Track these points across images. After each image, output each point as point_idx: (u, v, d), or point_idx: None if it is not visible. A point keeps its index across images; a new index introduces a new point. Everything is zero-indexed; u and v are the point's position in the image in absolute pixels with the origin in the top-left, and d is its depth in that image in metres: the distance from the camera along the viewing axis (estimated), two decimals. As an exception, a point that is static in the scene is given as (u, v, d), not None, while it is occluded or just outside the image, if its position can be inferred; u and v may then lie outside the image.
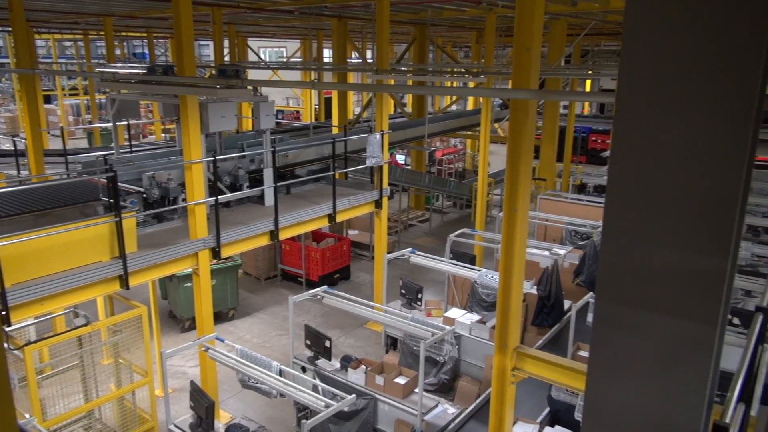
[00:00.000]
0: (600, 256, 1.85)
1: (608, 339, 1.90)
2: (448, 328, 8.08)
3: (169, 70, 9.22)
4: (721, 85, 1.49)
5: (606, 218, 1.82)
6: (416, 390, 7.74)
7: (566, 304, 9.71)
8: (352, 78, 24.58)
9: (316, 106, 30.19)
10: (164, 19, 16.34)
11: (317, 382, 7.53)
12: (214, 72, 10.89)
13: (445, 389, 8.72)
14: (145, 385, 8.19)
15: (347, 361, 8.32)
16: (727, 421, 2.31)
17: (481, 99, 16.40)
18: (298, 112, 31.50)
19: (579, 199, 13.64)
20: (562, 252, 10.56)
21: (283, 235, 9.55)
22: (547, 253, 10.54)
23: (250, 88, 8.59)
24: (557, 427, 7.11)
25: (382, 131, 10.85)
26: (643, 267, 1.82)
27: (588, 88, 30.58)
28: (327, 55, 29.95)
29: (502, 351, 5.94)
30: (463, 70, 19.21)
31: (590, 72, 15.62)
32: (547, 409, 7.45)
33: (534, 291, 9.51)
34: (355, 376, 8.15)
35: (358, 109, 24.56)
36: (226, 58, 18.01)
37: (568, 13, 12.38)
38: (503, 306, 5.91)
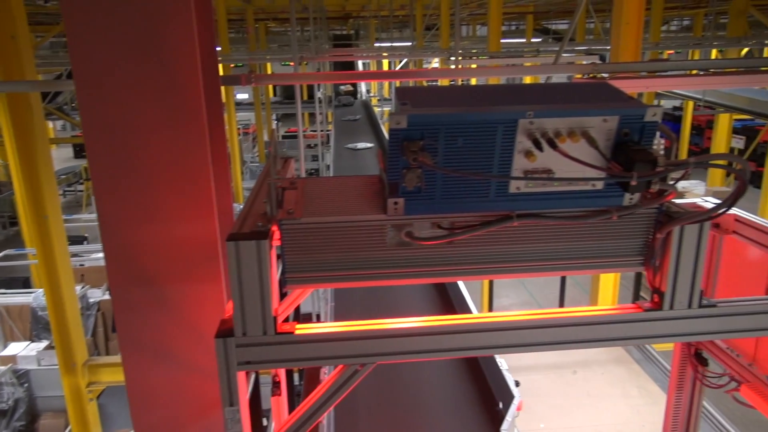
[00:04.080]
0: (102, 241, 1.82)
1: (133, 322, 1.89)
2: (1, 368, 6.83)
3: None
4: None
5: (98, 206, 1.78)
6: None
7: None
8: None
9: None
10: None
11: None
12: None
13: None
14: None
15: None
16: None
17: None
18: None
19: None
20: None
21: None
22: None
23: None
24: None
25: None
26: (146, 243, 1.86)
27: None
28: None
29: (70, 371, 5.41)
30: None
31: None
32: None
33: (108, 296, 8.88)
34: None
35: None
36: None
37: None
38: (59, 323, 5.34)
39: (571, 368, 5.84)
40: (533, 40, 17.89)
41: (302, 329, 1.69)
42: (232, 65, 17.59)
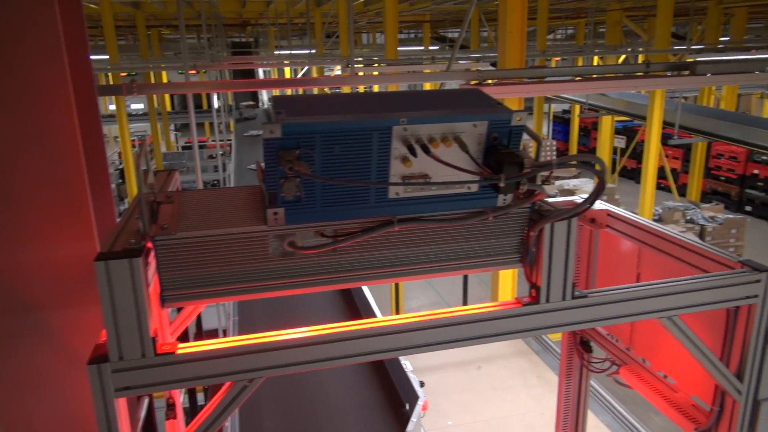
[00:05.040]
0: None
1: (8, 352, 1.76)
2: None
3: None
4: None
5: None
6: None
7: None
8: None
9: None
10: None
11: None
12: None
13: None
14: None
15: None
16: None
17: None
18: None
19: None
20: None
21: None
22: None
23: None
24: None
25: None
26: (18, 268, 1.74)
27: None
28: None
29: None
30: None
31: None
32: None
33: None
34: None
35: None
36: None
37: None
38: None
39: (475, 364, 6.04)
40: (431, 47, 18.42)
41: (185, 348, 1.63)
42: (124, 74, 16.74)
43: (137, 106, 25.00)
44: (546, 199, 1.90)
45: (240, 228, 1.59)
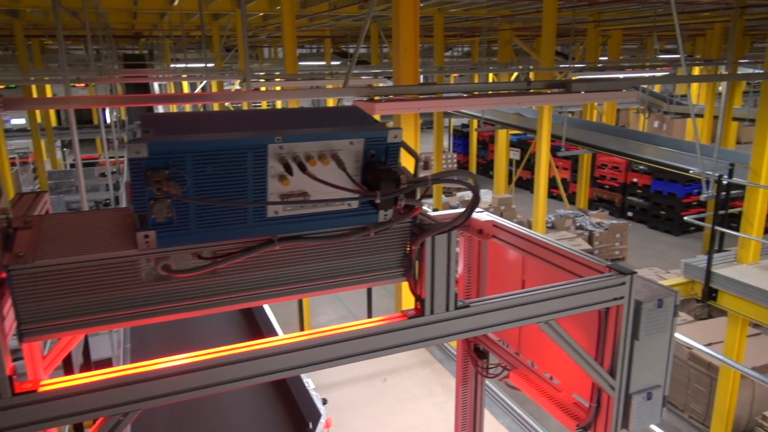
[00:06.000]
0: None
1: None
2: None
3: None
4: None
5: None
6: None
7: None
8: None
9: None
10: None
11: None
12: None
13: None
14: None
15: None
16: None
17: None
18: None
19: None
20: None
21: None
22: None
23: None
24: None
25: None
26: None
27: None
28: None
29: None
30: None
31: None
32: None
33: None
34: None
35: None
36: None
37: None
38: None
39: (381, 377, 6.07)
40: (333, 63, 18.53)
41: (49, 385, 1.51)
42: (1, 86, 15.44)
43: (18, 121, 23.16)
44: (428, 213, 1.95)
45: (107, 253, 1.50)
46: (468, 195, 17.03)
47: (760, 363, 8.14)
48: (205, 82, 15.69)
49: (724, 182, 6.72)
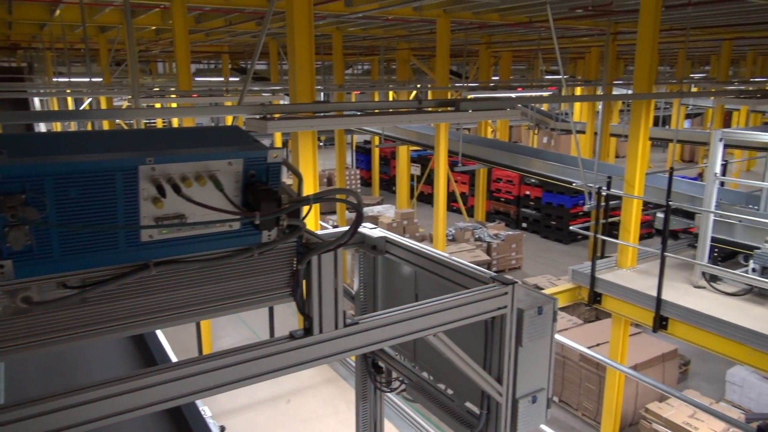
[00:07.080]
0: None
1: None
2: None
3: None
4: None
5: None
6: None
7: None
8: None
9: None
10: None
11: None
12: None
13: None
14: None
15: None
16: None
17: None
18: None
19: None
20: None
21: None
22: None
23: None
24: None
25: None
26: None
27: None
28: None
29: None
30: None
31: None
32: None
33: None
34: None
35: None
36: None
37: None
38: None
39: (284, 398, 5.94)
40: (231, 79, 18.14)
41: None
42: None
43: None
44: (315, 232, 1.95)
45: (-47, 287, 1.37)
46: (372, 210, 17.22)
47: (641, 360, 8.82)
48: (92, 98, 14.81)
49: (603, 193, 7.26)
